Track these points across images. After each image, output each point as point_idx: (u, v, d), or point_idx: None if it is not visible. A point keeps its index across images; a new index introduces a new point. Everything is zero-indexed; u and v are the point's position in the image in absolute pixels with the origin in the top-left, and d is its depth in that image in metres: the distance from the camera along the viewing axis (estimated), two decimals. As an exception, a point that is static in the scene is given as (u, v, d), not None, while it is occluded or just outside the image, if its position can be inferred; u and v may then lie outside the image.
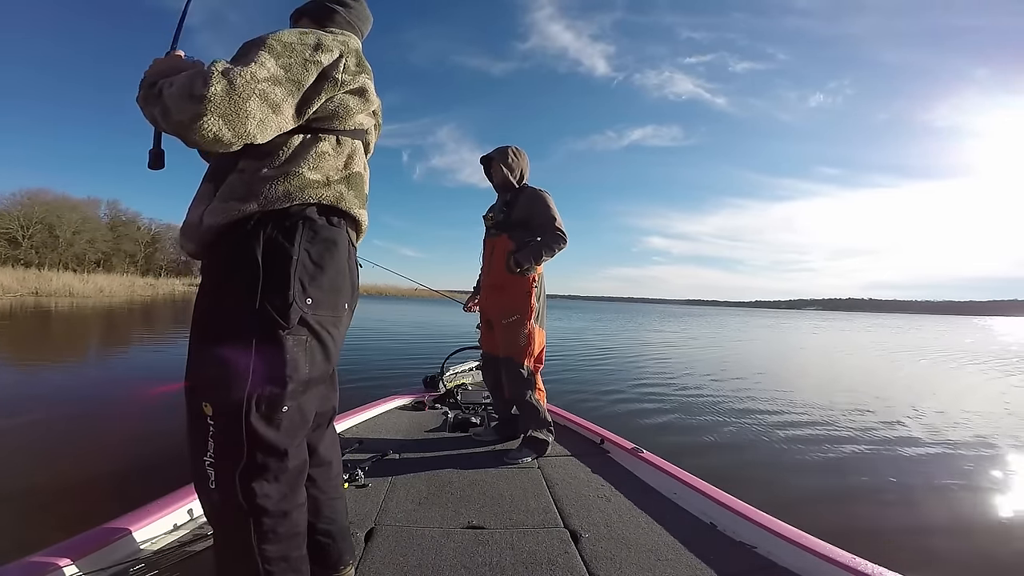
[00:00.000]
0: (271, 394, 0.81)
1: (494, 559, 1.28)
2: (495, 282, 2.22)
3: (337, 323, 0.92)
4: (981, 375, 8.42)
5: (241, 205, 0.83)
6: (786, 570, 1.25)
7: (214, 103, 0.71)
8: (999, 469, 3.24)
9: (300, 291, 0.82)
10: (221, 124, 0.73)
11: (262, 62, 0.77)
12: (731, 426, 4.14)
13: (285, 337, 0.81)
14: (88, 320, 11.45)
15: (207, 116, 0.71)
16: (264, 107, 0.77)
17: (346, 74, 0.89)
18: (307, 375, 0.86)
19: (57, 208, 36.36)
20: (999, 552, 2.15)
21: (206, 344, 0.82)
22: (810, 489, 2.79)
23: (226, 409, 0.79)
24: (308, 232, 0.86)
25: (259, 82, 0.75)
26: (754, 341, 15.16)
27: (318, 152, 0.90)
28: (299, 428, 0.88)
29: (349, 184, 0.95)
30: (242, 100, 0.73)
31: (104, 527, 1.22)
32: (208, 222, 0.84)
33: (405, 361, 7.14)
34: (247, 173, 0.85)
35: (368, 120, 1.03)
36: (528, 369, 2.13)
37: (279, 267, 0.82)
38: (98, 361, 6.43)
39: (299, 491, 0.89)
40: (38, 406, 3.72)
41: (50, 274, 23.32)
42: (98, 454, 2.77)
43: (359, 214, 0.99)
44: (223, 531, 0.85)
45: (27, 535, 1.70)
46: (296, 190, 0.85)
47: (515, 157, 2.23)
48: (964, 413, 4.95)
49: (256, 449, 0.80)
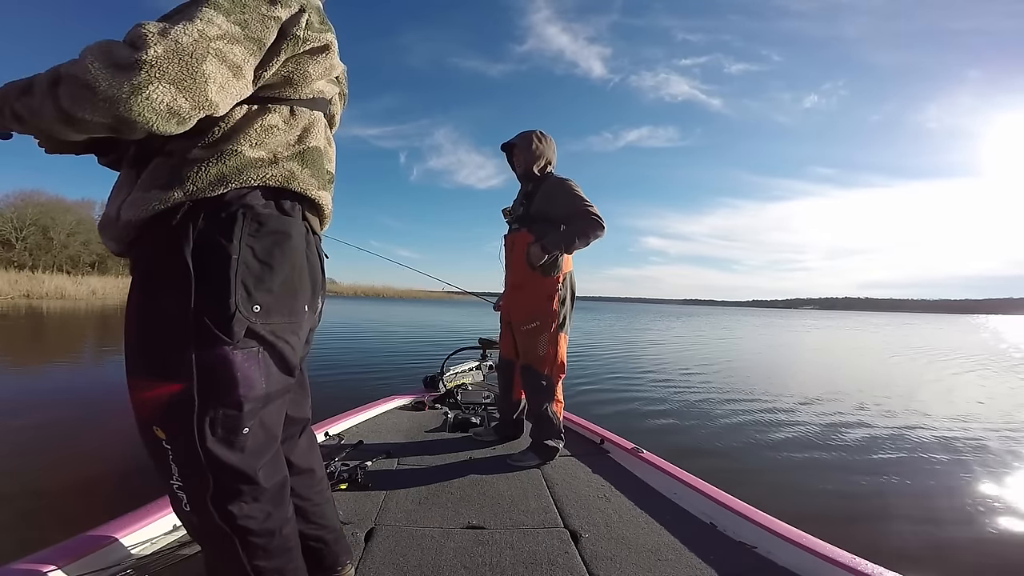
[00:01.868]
0: (226, 417, 0.71)
1: (494, 559, 1.27)
2: (516, 282, 2.09)
3: (296, 329, 0.80)
4: (988, 375, 8.46)
5: (163, 194, 0.69)
6: (786, 570, 1.25)
7: (158, 67, 0.57)
8: (1001, 468, 3.25)
9: (244, 297, 0.70)
10: (174, 92, 0.59)
11: (209, 19, 0.63)
12: (731, 426, 4.15)
13: (232, 352, 0.70)
14: (76, 323, 11.42)
15: (153, 84, 0.57)
16: (224, 69, 0.64)
17: (309, 30, 0.75)
18: (264, 390, 0.75)
19: (51, 210, 35.96)
20: (1003, 553, 2.16)
21: (142, 363, 0.71)
22: (810, 489, 2.80)
23: (178, 436, 0.69)
24: (251, 224, 0.72)
25: (211, 40, 0.62)
26: (752, 340, 15.19)
27: (264, 126, 0.75)
28: (265, 446, 0.79)
29: (304, 161, 0.80)
30: (195, 61, 0.60)
31: (102, 528, 1.21)
32: (126, 216, 0.71)
33: (405, 361, 7.14)
34: (175, 156, 0.71)
35: (330, 88, 0.88)
36: (549, 379, 1.99)
37: (216, 270, 0.69)
38: (85, 362, 6.42)
39: (284, 506, 0.82)
40: (30, 408, 3.70)
41: (43, 276, 23.14)
42: (96, 456, 2.76)
43: (318, 196, 0.83)
44: (210, 550, 0.80)
45: (26, 535, 1.69)
46: (232, 172, 0.71)
47: (540, 143, 2.05)
48: (963, 411, 4.98)
49: (221, 475, 0.72)
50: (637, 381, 6.31)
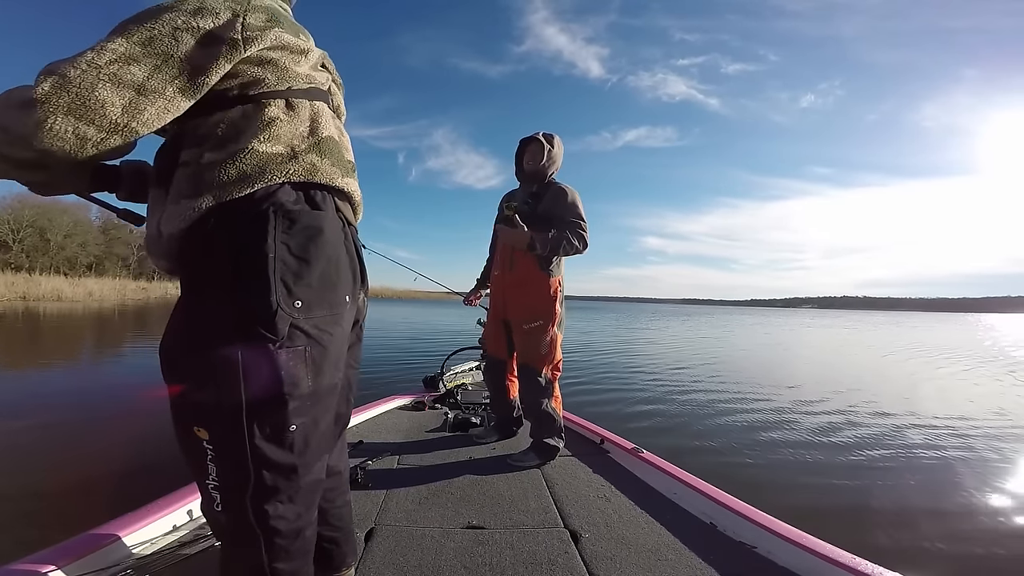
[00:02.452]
0: (273, 416, 0.72)
1: (494, 559, 1.28)
2: (519, 279, 2.05)
3: (338, 321, 0.80)
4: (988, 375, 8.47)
5: (194, 202, 0.70)
6: (786, 570, 1.26)
7: (49, 103, 0.60)
8: (1003, 467, 3.26)
9: (285, 294, 0.71)
10: (74, 121, 0.61)
11: (101, 47, 0.64)
12: (731, 426, 4.15)
13: (277, 351, 0.71)
14: (72, 325, 11.38)
15: (51, 117, 0.60)
16: (123, 90, 0.64)
17: (249, 31, 0.74)
18: (311, 387, 0.76)
19: (48, 211, 35.88)
20: (1003, 553, 2.16)
21: (188, 365, 0.72)
22: (810, 488, 2.80)
23: (224, 436, 0.71)
24: (283, 221, 0.73)
25: (102, 67, 0.63)
26: (748, 339, 15.20)
27: (266, 119, 0.76)
28: (319, 443, 0.80)
29: (322, 152, 0.80)
30: (85, 90, 0.62)
31: (103, 528, 1.21)
32: (166, 231, 0.73)
33: (405, 361, 7.13)
34: (191, 165, 0.73)
35: (319, 75, 0.87)
36: (546, 377, 2.03)
37: (254, 270, 0.70)
38: (80, 364, 6.40)
39: (314, 508, 0.83)
40: (29, 410, 3.69)
41: (39, 278, 23.16)
42: (96, 455, 2.75)
43: (345, 184, 0.83)
44: (232, 550, 0.80)
45: (26, 535, 1.69)
46: (254, 171, 0.72)
47: (559, 149, 2.08)
48: (960, 410, 4.99)
49: (266, 472, 0.73)
50: (637, 381, 6.31)
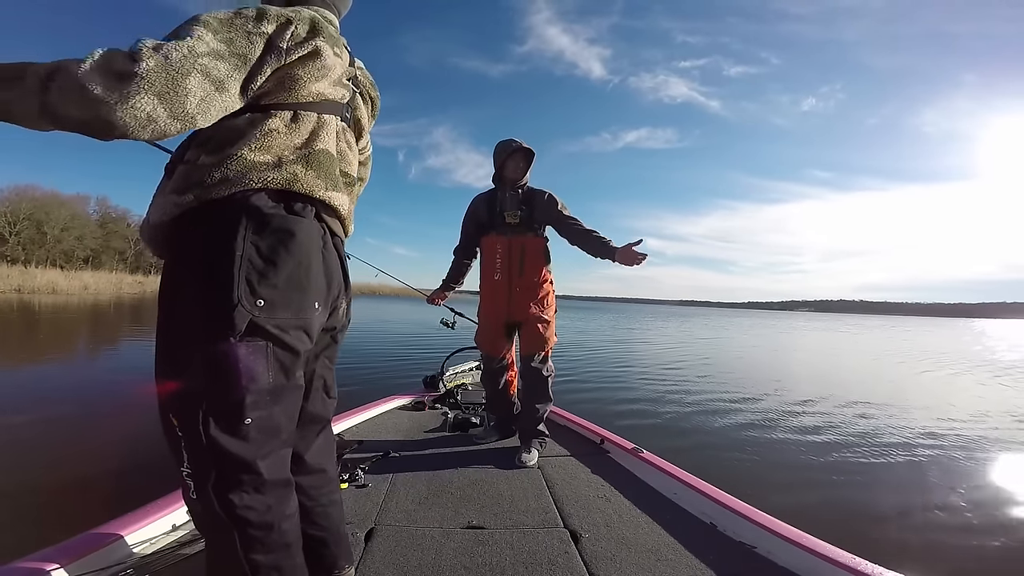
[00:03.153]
0: (229, 406, 0.75)
1: (494, 559, 1.28)
2: (531, 283, 2.20)
3: (305, 326, 0.83)
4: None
5: (178, 198, 0.76)
6: (786, 570, 1.26)
7: (147, 79, 0.62)
8: (1003, 467, 3.28)
9: (247, 292, 0.74)
10: (156, 103, 0.64)
11: (199, 36, 0.69)
12: (731, 426, 4.16)
13: (236, 345, 0.74)
14: (66, 318, 11.32)
15: (139, 94, 0.62)
16: (206, 84, 0.69)
17: (291, 41, 0.80)
18: (271, 384, 0.78)
19: (45, 204, 35.69)
20: (1004, 552, 2.17)
21: (163, 353, 0.77)
22: (810, 488, 2.81)
23: (188, 422, 0.74)
24: (254, 223, 0.76)
25: (199, 57, 0.67)
26: (744, 340, 15.23)
27: (265, 130, 0.80)
28: (270, 438, 0.81)
29: (309, 163, 0.83)
30: (181, 76, 0.65)
31: (103, 528, 1.21)
32: (152, 220, 0.79)
33: (405, 361, 7.13)
34: (191, 163, 0.78)
35: (336, 90, 0.90)
36: (550, 363, 2.22)
37: (221, 266, 0.74)
38: (64, 358, 6.38)
39: (286, 502, 0.84)
40: (26, 406, 3.68)
41: (35, 271, 22.94)
42: (98, 453, 2.74)
43: (327, 196, 0.86)
44: (210, 539, 0.82)
45: (27, 535, 1.68)
46: (236, 175, 0.76)
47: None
48: (958, 411, 5.01)
49: (223, 462, 0.75)
50: (637, 381, 6.32)
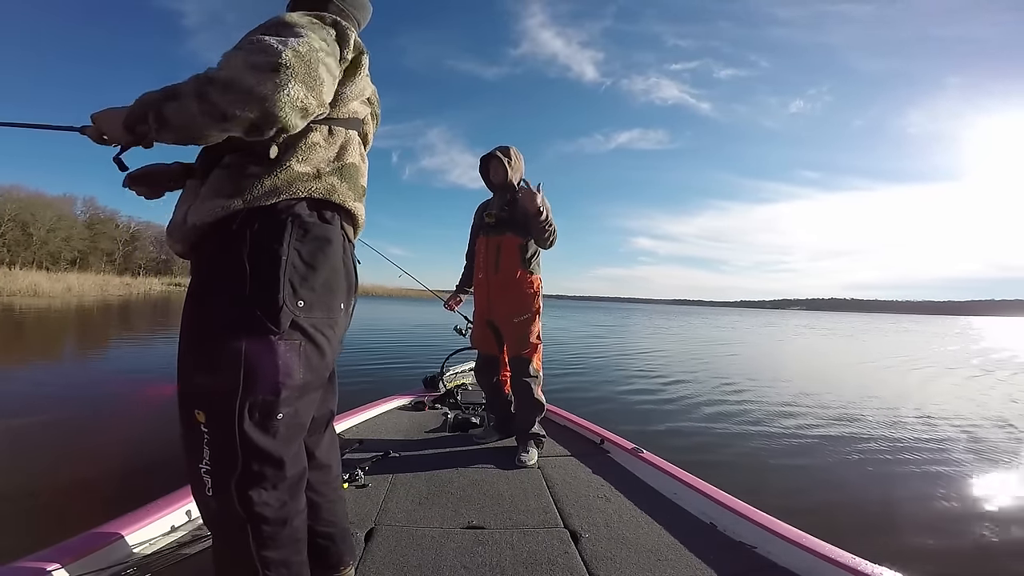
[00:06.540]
0: (265, 401, 0.78)
1: (494, 559, 1.28)
2: (504, 281, 2.21)
3: (333, 325, 0.89)
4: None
5: (226, 202, 0.79)
6: (786, 570, 1.25)
7: (293, 69, 0.66)
8: (1002, 467, 3.25)
9: (291, 293, 0.79)
10: (305, 90, 0.69)
11: (308, 35, 0.73)
12: (731, 426, 4.14)
13: (277, 342, 0.78)
14: (48, 323, 11.23)
15: (292, 82, 0.67)
16: (327, 76, 0.74)
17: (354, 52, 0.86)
18: (302, 380, 0.83)
19: (31, 205, 35.20)
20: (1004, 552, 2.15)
21: (195, 349, 0.79)
22: (809, 488, 2.79)
23: (218, 417, 0.76)
24: (298, 230, 0.82)
25: (318, 50, 0.72)
26: (739, 339, 15.17)
27: (308, 143, 0.85)
28: (296, 434, 0.85)
29: (342, 176, 0.90)
30: (313, 66, 0.70)
31: (104, 527, 1.22)
32: (192, 221, 0.81)
33: (405, 361, 7.14)
34: (233, 168, 0.81)
35: (363, 108, 0.98)
36: (534, 367, 2.17)
37: (267, 268, 0.78)
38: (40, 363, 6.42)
39: (299, 497, 0.87)
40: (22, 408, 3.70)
41: (17, 272, 22.38)
42: (96, 455, 2.76)
43: (354, 207, 0.93)
44: (221, 537, 0.83)
45: (27, 534, 1.69)
46: (284, 185, 0.81)
47: (516, 158, 2.29)
48: (954, 411, 4.97)
49: (251, 457, 0.77)
50: (636, 381, 6.31)
